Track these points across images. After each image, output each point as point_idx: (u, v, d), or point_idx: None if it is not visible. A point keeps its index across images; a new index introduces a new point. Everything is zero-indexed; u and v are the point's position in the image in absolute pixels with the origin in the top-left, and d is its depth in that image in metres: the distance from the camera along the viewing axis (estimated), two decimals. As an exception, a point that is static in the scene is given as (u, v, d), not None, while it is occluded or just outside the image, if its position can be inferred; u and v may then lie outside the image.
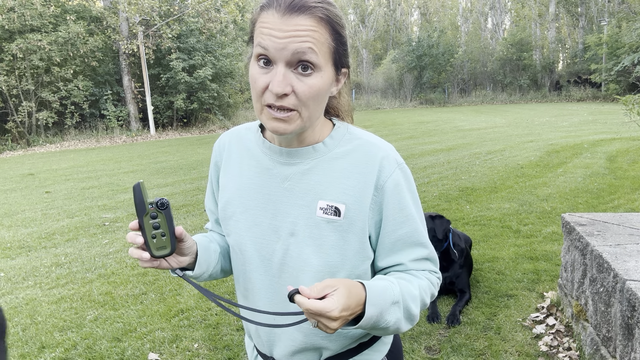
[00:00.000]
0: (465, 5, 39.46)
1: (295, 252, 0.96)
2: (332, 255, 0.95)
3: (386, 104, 28.82)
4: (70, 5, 18.41)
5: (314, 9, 0.84)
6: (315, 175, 0.96)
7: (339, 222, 0.94)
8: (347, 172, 0.95)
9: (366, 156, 0.96)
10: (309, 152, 0.96)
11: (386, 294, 0.88)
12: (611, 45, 23.80)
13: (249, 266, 1.02)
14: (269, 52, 0.84)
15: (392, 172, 0.95)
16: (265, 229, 0.98)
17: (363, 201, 0.94)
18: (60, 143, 16.94)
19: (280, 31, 0.82)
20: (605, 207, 5.18)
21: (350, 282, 0.85)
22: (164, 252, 0.88)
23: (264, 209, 0.98)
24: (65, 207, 6.65)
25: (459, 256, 3.27)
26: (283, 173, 0.97)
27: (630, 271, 2.03)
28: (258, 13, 0.87)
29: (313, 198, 0.95)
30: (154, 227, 0.86)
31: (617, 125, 12.07)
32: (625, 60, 20.04)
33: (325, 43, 0.86)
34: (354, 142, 0.98)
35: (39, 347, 2.90)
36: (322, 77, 0.87)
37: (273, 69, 0.85)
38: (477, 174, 7.36)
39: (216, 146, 1.11)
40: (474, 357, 2.56)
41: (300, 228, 0.95)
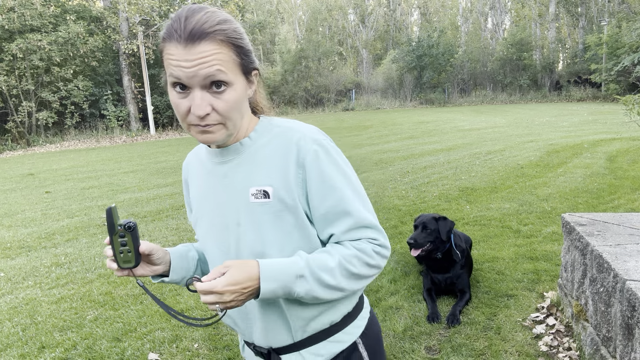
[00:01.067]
0: (465, 5, 39.46)
1: (243, 240, 1.05)
2: (271, 235, 1.03)
3: (386, 104, 28.82)
4: (70, 5, 18.40)
5: (213, 33, 0.91)
6: (245, 166, 1.06)
7: (270, 203, 1.02)
8: (271, 157, 1.04)
9: (285, 140, 1.04)
10: (237, 147, 1.07)
11: (289, 269, 0.96)
12: (611, 45, 23.80)
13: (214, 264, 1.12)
14: (182, 80, 0.92)
15: (309, 149, 1.01)
16: (219, 227, 1.09)
17: (288, 179, 1.01)
18: (60, 143, 16.94)
19: (186, 61, 0.90)
20: (605, 207, 5.18)
21: (244, 261, 0.97)
22: (129, 265, 1.04)
23: (215, 209, 1.09)
24: (65, 207, 6.65)
25: (455, 255, 3.27)
26: (221, 171, 1.08)
27: (630, 271, 2.03)
28: (162, 45, 0.95)
29: (245, 187, 1.04)
30: (122, 245, 1.02)
31: (617, 125, 12.08)
32: (625, 60, 20.04)
33: (230, 60, 0.94)
34: (274, 130, 1.07)
35: (39, 347, 2.90)
36: (235, 90, 0.95)
37: (190, 92, 0.93)
38: (477, 174, 7.35)
39: (183, 166, 1.23)
40: (474, 357, 2.56)
41: (242, 217, 1.05)
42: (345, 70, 35.28)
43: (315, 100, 30.14)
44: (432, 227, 3.19)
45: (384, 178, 7.49)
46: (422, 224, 3.21)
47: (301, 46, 31.65)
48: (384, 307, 3.17)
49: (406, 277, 3.63)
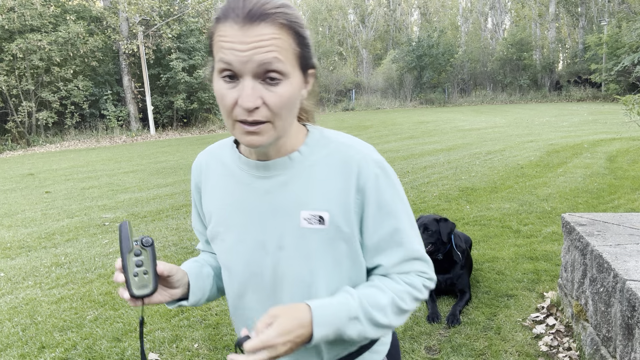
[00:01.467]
0: (465, 5, 39.46)
1: (285, 265, 0.95)
2: (322, 264, 0.94)
3: (386, 104, 28.82)
4: (70, 5, 18.41)
5: (274, 15, 0.80)
6: (294, 185, 0.94)
7: (325, 230, 0.92)
8: (327, 178, 0.93)
9: (344, 159, 0.94)
10: (285, 162, 0.94)
11: (341, 312, 0.89)
12: (611, 45, 23.80)
13: (240, 284, 1.01)
14: (233, 66, 0.80)
15: (371, 172, 0.93)
16: (252, 245, 0.97)
17: (346, 206, 0.92)
18: (60, 143, 16.95)
19: (241, 44, 0.79)
20: (605, 207, 5.18)
21: (293, 307, 0.88)
22: (145, 291, 0.86)
23: (248, 225, 0.97)
24: (65, 207, 6.65)
25: (456, 256, 3.27)
26: (262, 187, 0.95)
27: (630, 271, 2.03)
28: (215, 25, 0.84)
29: (296, 209, 0.93)
30: (137, 265, 0.86)
31: (617, 125, 12.07)
32: (625, 60, 20.03)
33: (289, 49, 0.83)
34: (330, 146, 0.96)
35: (39, 347, 2.90)
36: (291, 84, 0.84)
37: (239, 82, 0.82)
38: (477, 174, 7.35)
39: (194, 168, 1.09)
40: (474, 357, 2.56)
41: (287, 241, 0.94)
42: (345, 70, 35.29)
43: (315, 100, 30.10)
44: (433, 229, 3.19)
45: (384, 178, 7.48)
46: (424, 225, 3.21)
47: (301, 46, 31.60)
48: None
49: (406, 277, 3.62)
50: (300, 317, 0.86)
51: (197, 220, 1.13)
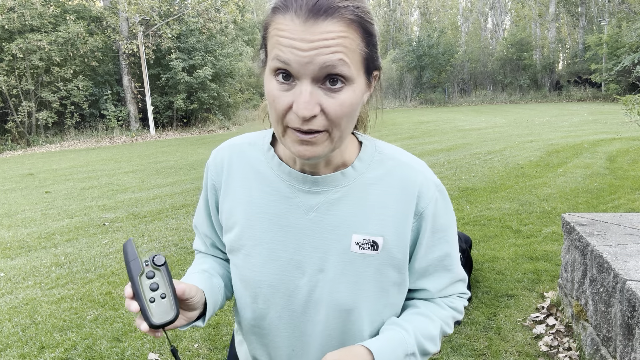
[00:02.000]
0: (465, 5, 39.47)
1: (325, 289, 0.86)
2: (368, 291, 0.87)
3: (386, 104, 28.83)
4: (70, 5, 18.41)
5: (343, 9, 0.69)
6: (346, 205, 0.85)
7: (376, 255, 0.85)
8: (383, 201, 0.85)
9: (403, 181, 0.86)
10: (337, 178, 0.85)
11: (398, 350, 0.85)
12: (611, 45, 23.80)
13: (264, 303, 0.90)
14: (291, 67, 0.70)
15: (432, 196, 0.87)
16: (285, 265, 0.87)
17: (403, 231, 0.86)
18: (60, 143, 16.95)
19: (303, 41, 0.68)
20: (605, 207, 5.18)
21: (352, 350, 0.82)
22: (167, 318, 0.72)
23: (283, 243, 0.86)
24: (65, 207, 6.65)
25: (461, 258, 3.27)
26: (307, 203, 0.85)
27: (630, 271, 2.03)
28: (271, 16, 0.73)
29: (346, 231, 0.84)
30: (152, 289, 0.73)
31: (617, 125, 12.07)
32: (625, 60, 20.04)
33: (356, 50, 0.72)
34: (387, 163, 0.88)
35: (39, 347, 2.90)
36: (354, 90, 0.73)
37: (296, 85, 0.71)
38: (477, 174, 7.35)
39: (212, 165, 0.94)
40: (474, 357, 2.56)
41: (332, 264, 0.85)
42: (345, 70, 35.27)
43: (315, 100, 30.13)
44: None
45: (384, 178, 7.49)
46: None
47: (301, 46, 31.64)
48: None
49: (406, 277, 3.62)
50: (360, 358, 0.81)
51: (205, 222, 0.99)
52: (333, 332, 0.89)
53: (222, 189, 0.92)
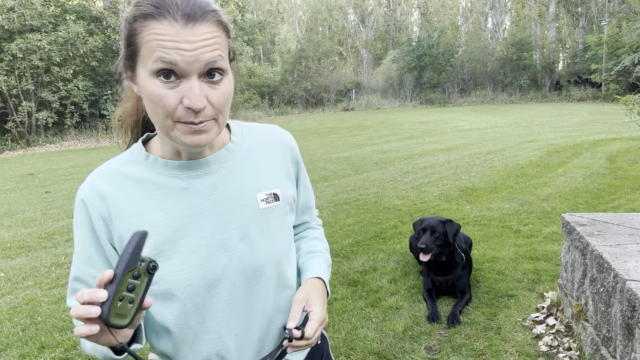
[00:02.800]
0: (465, 5, 39.46)
1: (250, 254, 0.93)
2: (282, 238, 0.99)
3: (386, 104, 28.83)
4: (70, 5, 18.41)
5: (211, 13, 0.80)
6: (240, 173, 0.95)
7: (279, 204, 0.99)
8: (267, 159, 1.00)
9: (276, 139, 1.04)
10: (224, 154, 0.95)
11: (325, 266, 1.10)
12: (611, 45, 23.79)
13: (198, 301, 0.91)
14: (178, 66, 0.77)
15: (296, 147, 1.08)
16: (206, 251, 0.90)
17: (290, 179, 1.04)
18: (60, 143, 16.95)
19: (187, 43, 0.76)
20: (605, 207, 5.18)
21: (311, 284, 1.01)
22: (120, 322, 0.69)
23: (198, 230, 0.90)
24: (65, 207, 6.65)
25: (459, 257, 3.27)
26: (206, 184, 0.91)
27: (631, 271, 2.03)
28: (140, 23, 0.78)
29: (250, 194, 0.95)
30: (128, 289, 0.70)
31: (617, 125, 12.07)
32: (626, 60, 20.03)
33: (225, 45, 0.83)
34: (256, 132, 1.03)
35: (39, 347, 2.90)
36: (229, 80, 0.84)
37: (181, 82, 0.78)
38: (477, 174, 7.35)
39: (90, 198, 0.90)
40: (474, 357, 2.56)
41: (250, 228, 0.93)
42: (345, 70, 35.29)
43: (315, 100, 30.14)
44: (440, 231, 3.18)
45: (384, 178, 7.49)
46: (431, 228, 3.18)
47: (301, 46, 31.66)
48: (384, 307, 3.17)
49: (406, 277, 3.63)
50: (319, 286, 1.02)
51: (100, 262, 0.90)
52: (270, 289, 0.98)
53: (112, 216, 0.89)
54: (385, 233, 4.69)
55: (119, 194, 0.90)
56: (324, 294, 1.01)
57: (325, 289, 1.04)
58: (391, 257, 4.04)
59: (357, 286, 3.52)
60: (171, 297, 0.89)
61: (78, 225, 0.91)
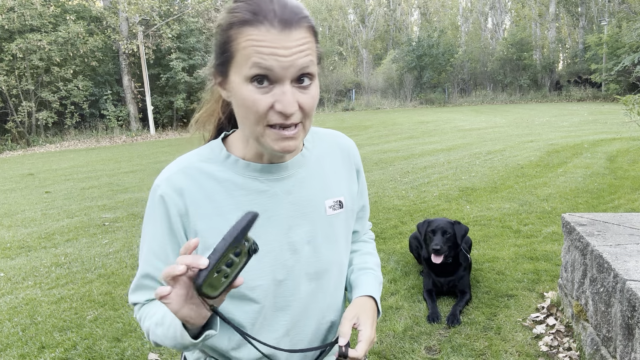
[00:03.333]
0: (465, 5, 39.45)
1: (314, 258, 0.98)
2: (342, 244, 1.04)
3: (386, 104, 28.82)
4: (70, 5, 18.41)
5: (304, 19, 0.81)
6: (312, 179, 0.98)
7: (343, 211, 1.03)
8: (334, 167, 1.03)
9: (340, 147, 1.06)
10: (299, 160, 0.97)
11: (376, 283, 1.09)
12: (611, 45, 23.79)
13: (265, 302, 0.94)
14: (274, 72, 0.78)
15: (357, 154, 1.10)
16: (278, 252, 0.93)
17: (353, 186, 1.07)
18: (60, 143, 16.95)
19: (284, 49, 0.77)
20: (605, 207, 5.18)
21: (362, 303, 1.02)
22: (211, 292, 0.71)
23: (272, 233, 0.93)
24: (65, 207, 6.65)
25: (463, 258, 3.27)
26: (283, 188, 0.94)
27: (631, 271, 2.03)
28: (238, 29, 0.79)
29: (320, 200, 0.98)
30: (227, 265, 0.72)
31: (617, 125, 12.07)
32: (626, 60, 20.02)
33: (314, 50, 0.84)
34: (324, 139, 1.05)
35: (39, 347, 2.90)
36: (317, 85, 0.85)
37: (274, 87, 0.80)
38: (477, 174, 7.35)
39: (169, 193, 0.89)
40: (474, 357, 2.56)
41: (317, 232, 0.98)
42: (345, 70, 35.29)
43: (315, 100, 30.11)
44: (450, 232, 3.18)
45: (384, 178, 7.49)
46: (441, 229, 3.19)
47: (301, 46, 31.61)
48: (384, 307, 3.17)
49: (406, 277, 3.63)
50: (370, 306, 1.02)
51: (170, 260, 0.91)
52: (329, 290, 1.02)
53: (189, 214, 0.90)
54: (385, 233, 4.69)
55: (199, 192, 0.90)
56: (374, 314, 1.02)
57: (376, 308, 1.05)
58: (391, 257, 4.04)
59: (357, 286, 3.51)
60: (241, 298, 0.93)
61: (155, 220, 0.91)
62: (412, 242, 3.85)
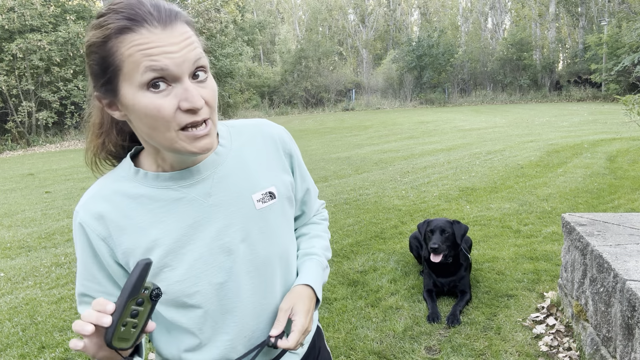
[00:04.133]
0: (465, 5, 39.46)
1: (252, 254, 0.94)
2: (282, 235, 1.00)
3: (386, 104, 28.82)
4: (70, 5, 18.41)
5: (179, 14, 0.79)
6: (233, 175, 0.94)
7: (276, 202, 0.98)
8: (258, 157, 0.98)
9: (264, 135, 1.01)
10: (214, 159, 0.92)
11: (319, 270, 1.06)
12: (611, 45, 23.79)
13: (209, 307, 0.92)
14: (169, 70, 0.75)
15: (289, 140, 1.05)
16: (209, 257, 0.90)
17: (285, 172, 1.02)
18: (60, 143, 16.96)
19: (172, 45, 0.75)
20: (605, 207, 5.18)
21: (298, 292, 0.99)
22: (123, 345, 0.74)
23: (200, 238, 0.90)
24: (65, 207, 6.65)
25: (463, 258, 3.27)
26: (201, 192, 0.90)
27: (630, 271, 2.03)
28: (117, 40, 0.75)
29: (246, 195, 0.94)
30: (132, 315, 0.73)
31: (617, 125, 12.07)
32: (625, 60, 20.02)
33: (200, 42, 0.83)
34: (244, 131, 1.00)
35: (39, 347, 2.90)
36: (211, 77, 0.84)
37: (173, 88, 0.76)
38: (477, 174, 7.35)
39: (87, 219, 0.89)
40: (474, 357, 2.56)
41: (249, 230, 0.93)
42: (345, 70, 35.28)
43: (315, 100, 30.14)
44: (449, 231, 3.19)
45: (384, 178, 7.49)
46: (440, 228, 3.19)
47: (301, 46, 31.65)
48: (384, 307, 3.17)
49: (406, 277, 3.63)
50: (306, 294, 0.99)
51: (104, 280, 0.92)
52: (277, 285, 0.99)
53: (112, 235, 0.89)
54: (385, 233, 4.69)
55: (116, 212, 0.88)
56: (310, 302, 0.99)
57: (314, 296, 1.02)
58: (391, 257, 4.04)
59: (357, 286, 3.52)
60: (183, 305, 0.92)
61: (78, 246, 0.92)
62: (412, 242, 3.85)
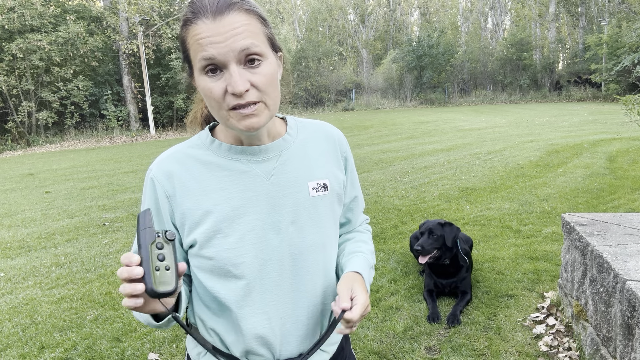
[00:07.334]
0: (465, 5, 39.44)
1: (298, 238, 1.00)
2: (328, 226, 1.06)
3: (386, 104, 28.81)
4: (70, 5, 18.41)
5: (238, 4, 0.86)
6: (295, 162, 1.02)
7: (328, 194, 1.05)
8: (318, 152, 1.07)
9: (326, 135, 1.10)
10: (281, 144, 1.02)
11: (367, 266, 1.10)
12: (611, 45, 23.79)
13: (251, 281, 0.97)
14: (216, 58, 0.84)
15: (346, 144, 1.14)
16: (260, 231, 0.97)
17: (339, 171, 1.09)
18: (60, 143, 16.95)
19: (219, 35, 0.84)
20: (605, 207, 5.18)
21: (351, 276, 1.02)
22: (168, 288, 0.74)
23: (254, 212, 0.97)
24: (65, 207, 6.65)
25: (462, 260, 3.27)
26: (265, 170, 0.99)
27: (630, 271, 2.03)
28: (184, 31, 0.88)
29: (303, 182, 1.02)
30: (159, 259, 0.74)
31: (617, 125, 12.07)
32: (625, 60, 19.99)
33: (260, 32, 0.89)
34: (309, 127, 1.10)
35: (39, 347, 2.90)
36: (270, 63, 0.89)
37: (224, 73, 0.86)
38: (477, 174, 7.35)
39: (158, 176, 0.98)
40: (474, 357, 2.56)
41: (300, 213, 1.00)
42: (345, 70, 35.26)
43: (315, 100, 30.13)
44: (438, 233, 3.17)
45: (384, 178, 7.49)
46: (429, 230, 3.19)
47: (301, 46, 31.64)
48: (384, 307, 3.17)
49: (406, 277, 3.63)
50: (358, 278, 1.03)
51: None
52: (316, 274, 1.04)
53: (176, 194, 0.97)
54: (385, 233, 4.69)
55: (186, 173, 0.98)
56: (363, 286, 1.02)
57: (363, 282, 1.05)
58: (391, 257, 4.04)
59: (357, 286, 3.51)
60: (227, 274, 0.97)
61: (146, 201, 1.00)
62: (412, 242, 3.85)
